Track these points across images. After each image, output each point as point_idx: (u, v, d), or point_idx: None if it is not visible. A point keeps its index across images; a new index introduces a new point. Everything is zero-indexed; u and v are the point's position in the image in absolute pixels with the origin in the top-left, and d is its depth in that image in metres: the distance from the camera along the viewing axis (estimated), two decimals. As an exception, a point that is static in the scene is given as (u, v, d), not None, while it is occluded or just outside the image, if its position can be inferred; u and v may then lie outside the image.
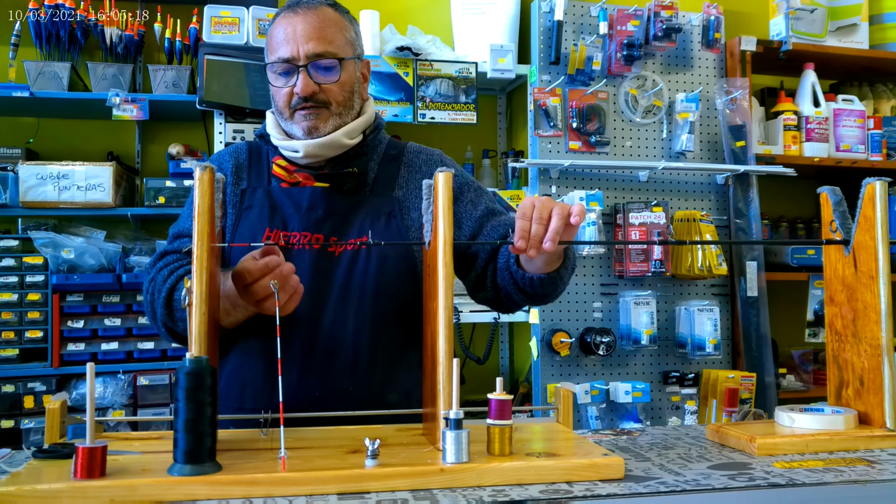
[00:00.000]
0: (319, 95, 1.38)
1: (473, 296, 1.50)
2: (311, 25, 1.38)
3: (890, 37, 3.30)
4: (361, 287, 1.36)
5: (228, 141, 2.68)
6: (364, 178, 1.43)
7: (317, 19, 1.39)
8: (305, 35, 1.37)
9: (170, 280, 1.33)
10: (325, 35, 1.38)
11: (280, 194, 1.42)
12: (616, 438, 1.22)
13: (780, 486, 0.92)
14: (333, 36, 1.39)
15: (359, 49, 1.47)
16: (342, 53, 1.40)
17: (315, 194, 1.40)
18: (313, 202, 1.39)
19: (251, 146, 1.52)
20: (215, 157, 1.54)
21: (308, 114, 1.39)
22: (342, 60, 1.39)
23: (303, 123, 1.39)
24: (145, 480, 0.86)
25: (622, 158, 2.88)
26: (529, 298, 1.39)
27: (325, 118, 1.39)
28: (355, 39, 1.45)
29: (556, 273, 1.31)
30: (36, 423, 2.50)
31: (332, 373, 1.33)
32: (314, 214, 1.39)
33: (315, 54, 1.37)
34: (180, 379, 0.88)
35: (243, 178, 1.46)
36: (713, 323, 2.79)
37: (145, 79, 2.91)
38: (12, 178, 2.57)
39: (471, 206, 1.46)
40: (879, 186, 1.16)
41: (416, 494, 0.88)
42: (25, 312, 2.57)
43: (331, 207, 1.40)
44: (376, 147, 1.49)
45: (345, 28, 1.43)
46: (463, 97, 2.87)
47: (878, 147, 3.19)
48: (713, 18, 2.92)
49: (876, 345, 1.14)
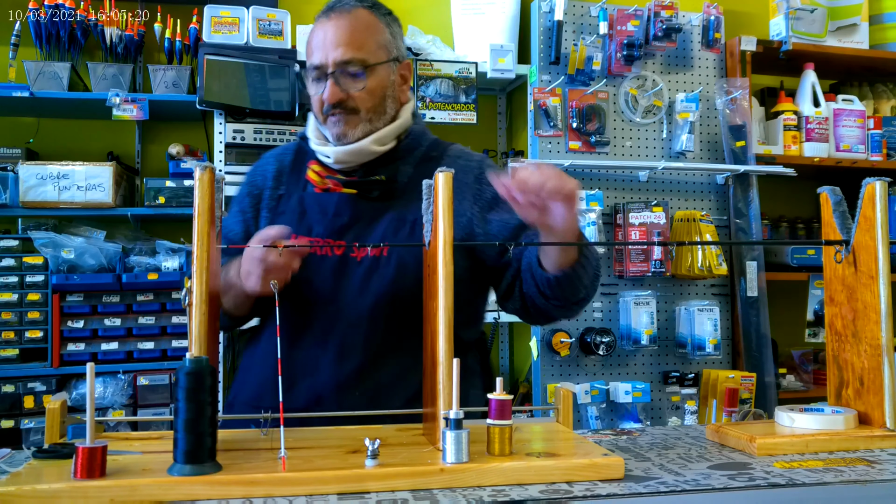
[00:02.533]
0: (348, 102, 1.39)
1: (503, 305, 1.49)
2: (341, 31, 1.38)
3: (890, 37, 3.30)
4: (377, 293, 1.35)
5: (228, 141, 2.68)
6: (393, 184, 1.42)
7: (347, 24, 1.39)
8: (334, 41, 1.37)
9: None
10: (355, 40, 1.38)
11: (311, 200, 1.43)
12: (616, 438, 1.22)
13: (780, 486, 0.92)
14: (364, 41, 1.39)
15: (395, 51, 1.45)
16: (372, 59, 1.39)
17: (342, 201, 1.41)
18: (339, 209, 1.41)
19: (298, 148, 1.54)
20: (263, 160, 1.57)
21: (338, 120, 1.40)
22: (371, 66, 1.39)
23: (333, 129, 1.41)
24: (145, 480, 0.86)
25: (622, 158, 2.88)
26: (552, 302, 1.37)
27: (355, 124, 1.40)
28: (391, 42, 1.44)
29: (573, 270, 1.29)
30: (36, 423, 2.50)
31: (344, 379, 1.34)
32: (339, 221, 1.40)
33: (342, 61, 1.37)
34: (180, 379, 0.88)
35: (283, 183, 1.49)
36: (713, 323, 2.79)
37: (145, 79, 2.91)
38: (12, 178, 2.57)
39: (507, 216, 1.43)
40: (879, 186, 1.16)
41: (416, 494, 0.88)
42: (25, 312, 2.57)
43: (356, 214, 1.41)
44: (412, 150, 1.48)
45: (378, 31, 1.42)
46: (463, 97, 2.87)
47: (878, 147, 3.19)
48: (713, 18, 2.92)
49: (876, 345, 1.14)
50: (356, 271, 1.37)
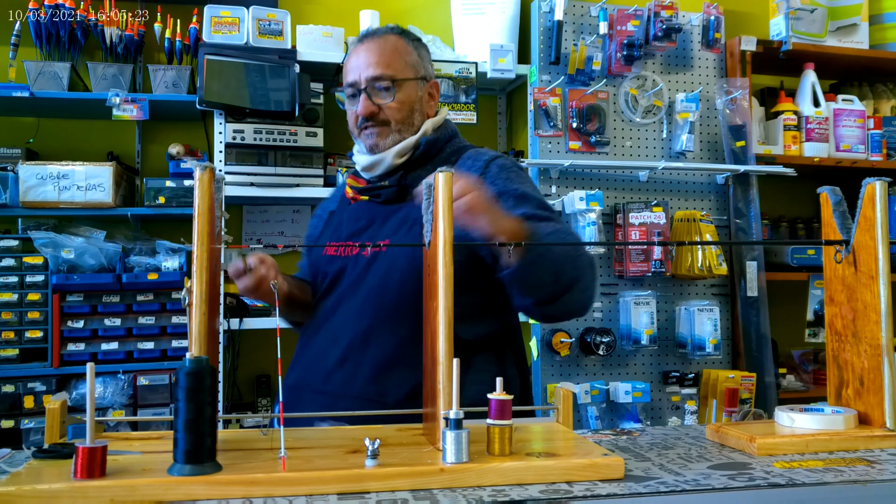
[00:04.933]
0: (380, 115, 1.54)
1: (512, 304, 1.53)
2: (373, 53, 1.54)
3: (890, 37, 3.30)
4: (371, 288, 1.47)
5: (228, 141, 2.68)
6: (402, 188, 1.54)
7: (378, 47, 1.55)
8: (367, 62, 1.54)
9: None
10: (384, 60, 1.53)
11: (346, 211, 1.63)
12: (616, 438, 1.22)
13: (780, 486, 0.92)
14: (393, 60, 1.54)
15: (422, 71, 1.60)
16: (400, 75, 1.54)
17: (361, 207, 1.59)
18: (359, 214, 1.59)
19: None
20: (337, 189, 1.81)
21: (370, 133, 1.55)
22: (399, 81, 1.53)
23: (367, 141, 1.56)
24: (145, 480, 0.86)
25: (622, 158, 2.88)
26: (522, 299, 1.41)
27: (385, 135, 1.55)
28: (419, 63, 1.59)
29: (520, 268, 1.30)
30: (36, 423, 2.50)
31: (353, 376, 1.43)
32: (358, 224, 1.57)
33: (373, 77, 1.52)
34: (180, 379, 0.88)
35: (337, 203, 1.70)
36: (713, 323, 2.79)
37: (145, 79, 2.91)
38: (12, 178, 2.57)
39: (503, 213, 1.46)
40: (879, 186, 1.16)
41: (416, 494, 0.88)
42: (25, 312, 2.57)
43: (370, 217, 1.56)
44: (432, 157, 1.58)
45: (407, 53, 1.57)
46: (463, 97, 2.87)
47: (878, 147, 3.19)
48: (713, 18, 2.92)
49: (876, 345, 1.14)
50: (359, 269, 1.51)
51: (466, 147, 1.63)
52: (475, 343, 1.47)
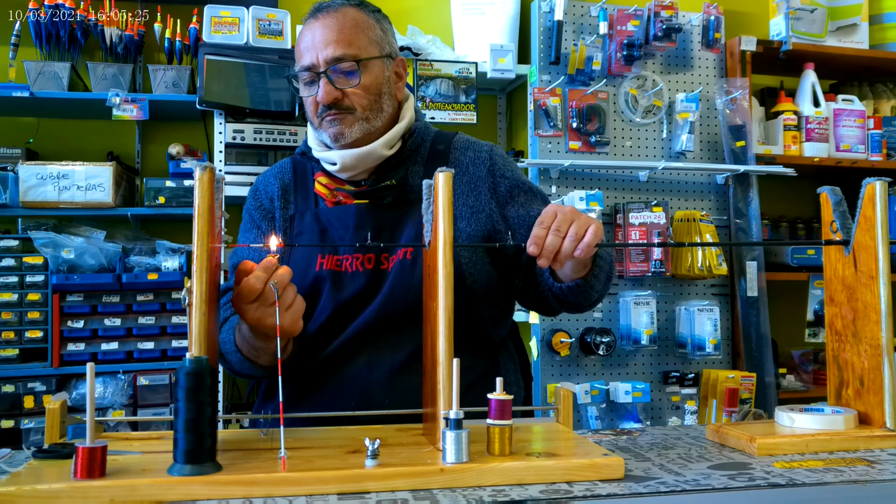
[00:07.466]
0: (343, 101, 1.34)
1: (522, 301, 1.49)
2: (329, 29, 1.34)
3: (890, 37, 3.30)
4: (404, 299, 1.33)
5: (228, 141, 2.68)
6: (405, 187, 1.39)
7: (336, 22, 1.34)
8: (324, 40, 1.33)
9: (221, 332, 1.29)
10: (345, 37, 1.33)
11: (328, 215, 1.39)
12: (616, 438, 1.22)
13: (780, 486, 0.92)
14: (354, 37, 1.34)
15: (388, 47, 1.40)
16: (364, 54, 1.35)
17: (360, 211, 1.37)
18: (360, 220, 1.37)
19: (295, 163, 1.49)
20: (261, 180, 1.51)
21: (333, 119, 1.35)
22: (363, 61, 1.34)
23: (329, 130, 1.36)
24: (145, 480, 0.86)
25: (622, 158, 2.88)
26: (566, 306, 1.39)
27: (351, 123, 1.35)
28: (382, 38, 1.40)
29: (585, 281, 1.30)
30: (36, 423, 2.50)
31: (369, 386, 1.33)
32: (363, 233, 1.34)
33: (333, 58, 1.33)
34: (180, 379, 0.88)
35: (290, 202, 1.44)
36: (713, 323, 2.79)
37: (145, 79, 2.91)
38: (12, 178, 2.57)
39: (523, 210, 1.42)
40: (879, 186, 1.16)
41: (416, 494, 0.88)
42: (25, 312, 2.57)
43: (378, 223, 1.37)
44: (418, 149, 1.44)
45: (368, 27, 1.37)
46: (463, 97, 2.87)
47: (878, 147, 3.19)
48: (713, 18, 2.92)
49: (876, 345, 1.14)
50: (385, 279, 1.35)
51: (446, 133, 1.50)
52: (499, 344, 1.47)
